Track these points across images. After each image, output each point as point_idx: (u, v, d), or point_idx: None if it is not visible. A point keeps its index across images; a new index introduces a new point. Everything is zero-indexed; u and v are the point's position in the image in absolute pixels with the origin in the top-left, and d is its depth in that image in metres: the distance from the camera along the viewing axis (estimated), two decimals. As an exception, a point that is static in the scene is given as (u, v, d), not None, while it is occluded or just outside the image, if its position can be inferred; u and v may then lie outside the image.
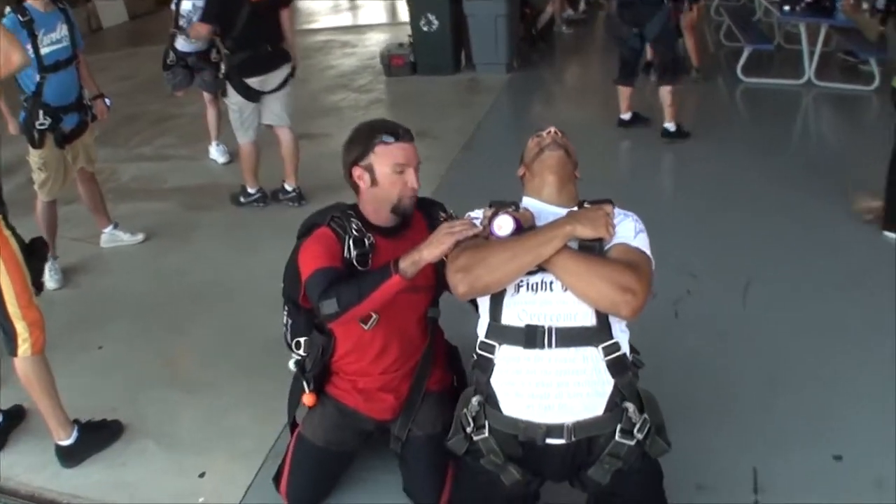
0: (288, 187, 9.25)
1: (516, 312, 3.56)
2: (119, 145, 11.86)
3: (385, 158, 4.09)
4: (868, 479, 4.66)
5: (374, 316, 4.21)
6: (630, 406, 3.56)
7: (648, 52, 12.50)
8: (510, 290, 3.56)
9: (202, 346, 6.48)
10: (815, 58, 13.21)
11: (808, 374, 5.58)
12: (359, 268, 4.07)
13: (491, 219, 3.60)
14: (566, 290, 3.47)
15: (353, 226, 4.17)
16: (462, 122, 11.98)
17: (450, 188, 8.90)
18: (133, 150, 11.75)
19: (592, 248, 3.51)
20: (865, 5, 13.76)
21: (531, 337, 3.51)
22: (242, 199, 9.28)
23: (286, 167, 9.18)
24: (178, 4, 9.89)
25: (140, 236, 8.48)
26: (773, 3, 14.75)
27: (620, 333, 3.59)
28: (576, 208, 3.73)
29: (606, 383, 3.52)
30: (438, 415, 4.46)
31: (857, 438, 4.95)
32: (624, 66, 10.89)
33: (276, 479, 4.67)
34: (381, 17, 23.14)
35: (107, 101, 7.75)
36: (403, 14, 15.71)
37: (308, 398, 4.54)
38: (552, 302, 3.51)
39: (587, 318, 3.50)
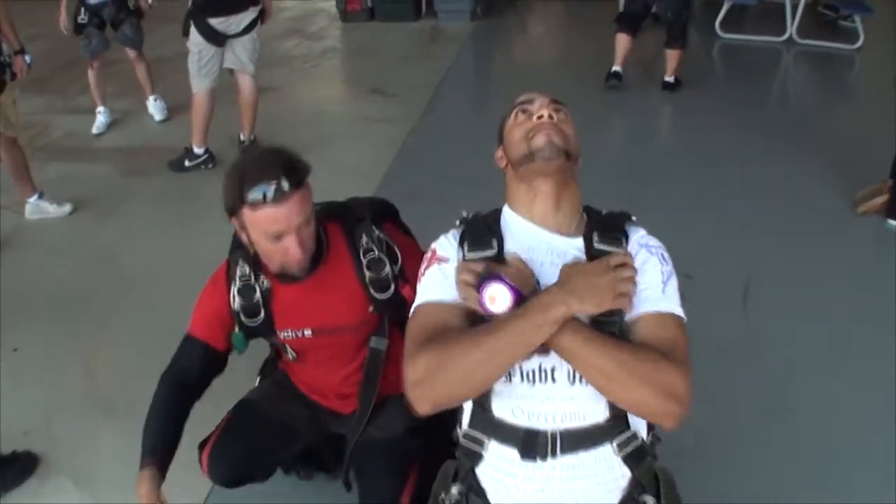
0: (242, 137, 8.74)
1: (509, 407, 2.71)
2: (55, 93, 11.08)
3: (255, 226, 3.24)
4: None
5: (292, 352, 3.75)
6: (649, 500, 2.78)
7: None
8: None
9: (130, 349, 5.77)
10: (798, 14, 12.66)
11: (816, 397, 5.13)
12: (248, 324, 3.57)
13: (480, 287, 2.62)
14: (573, 382, 2.64)
15: (240, 271, 3.56)
16: (424, 77, 11.34)
17: (413, 159, 8.40)
18: (70, 101, 10.93)
19: (612, 324, 2.63)
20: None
21: (530, 445, 2.68)
22: (188, 162, 8.55)
23: (242, 117, 8.68)
24: None
25: (67, 207, 7.76)
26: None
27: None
28: (578, 241, 2.81)
29: (622, 478, 2.73)
30: (399, 416, 3.78)
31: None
32: (631, 16, 10.48)
33: (201, 446, 3.93)
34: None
35: (27, 58, 7.09)
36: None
37: None
38: (555, 398, 2.66)
39: (599, 413, 2.68)
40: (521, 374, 2.66)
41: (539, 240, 2.81)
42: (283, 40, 13.55)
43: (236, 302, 3.52)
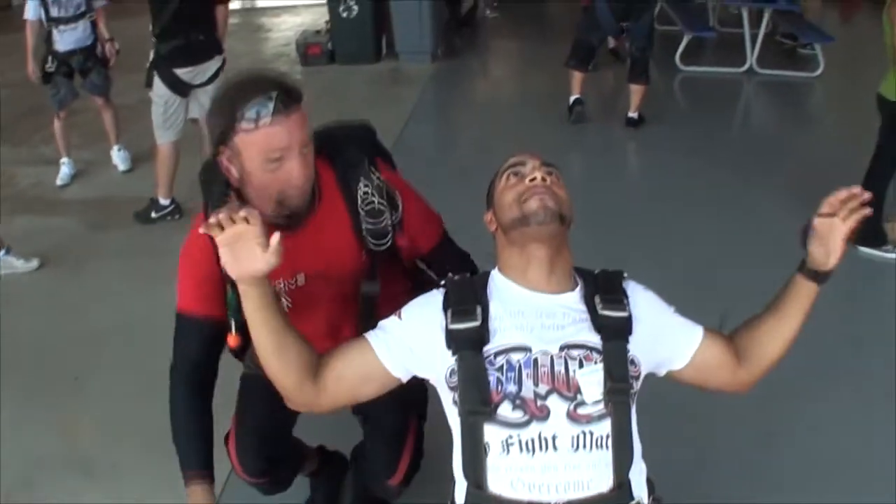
0: None
1: (508, 480, 2.62)
2: (19, 143, 11.01)
3: (252, 151, 2.89)
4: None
5: (285, 301, 3.35)
6: None
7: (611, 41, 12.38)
8: (495, 447, 2.63)
9: (107, 408, 5.68)
10: (758, 44, 12.77)
11: (798, 421, 5.21)
12: None
13: None
14: (577, 448, 2.58)
15: None
16: (387, 119, 11.03)
17: None
18: (34, 150, 10.86)
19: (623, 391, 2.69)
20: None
21: None
22: (154, 214, 8.48)
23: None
24: None
25: (34, 262, 7.67)
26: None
27: (638, 476, 2.75)
28: (575, 292, 2.83)
29: None
30: None
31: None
32: (584, 51, 10.52)
33: (226, 441, 3.83)
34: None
35: None
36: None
37: (232, 338, 3.39)
38: (558, 467, 2.59)
39: (604, 483, 2.62)
40: (520, 444, 2.60)
41: (528, 304, 2.77)
42: (245, 87, 13.40)
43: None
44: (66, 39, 9.01)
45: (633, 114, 10.43)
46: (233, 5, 20.49)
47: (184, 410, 3.41)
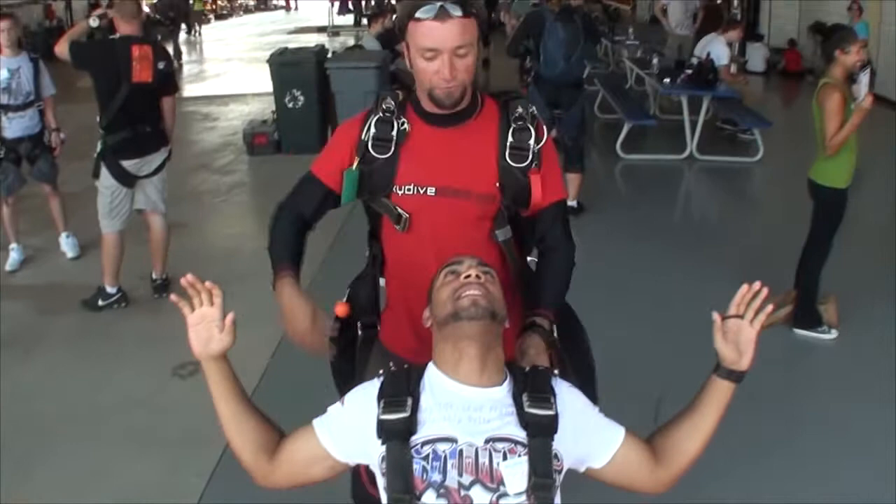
0: (154, 276, 8.71)
1: None
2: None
3: (414, 39, 3.29)
4: None
5: (405, 214, 3.47)
6: None
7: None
8: None
9: (52, 496, 5.61)
10: (698, 130, 12.95)
11: (735, 493, 5.37)
12: (376, 156, 3.43)
13: None
14: None
15: (385, 104, 3.47)
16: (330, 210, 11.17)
17: (322, 294, 8.15)
18: (-17, 237, 10.83)
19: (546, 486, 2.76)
20: (734, 68, 13.74)
21: None
22: (101, 302, 8.45)
23: (153, 256, 8.64)
24: None
25: (-18, 348, 7.60)
26: (651, 74, 14.54)
27: None
28: (503, 386, 2.88)
29: None
30: None
31: None
32: None
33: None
34: (246, 86, 22.32)
35: None
36: (268, 83, 15.22)
37: (340, 307, 3.74)
38: None
39: None
40: None
41: (457, 397, 2.83)
42: (191, 175, 13.51)
43: (371, 131, 3.44)
44: (14, 127, 9.06)
45: (571, 202, 10.44)
46: (182, 93, 20.74)
47: (282, 228, 3.69)
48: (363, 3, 40.38)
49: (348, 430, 2.88)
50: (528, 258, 3.79)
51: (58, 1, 34.44)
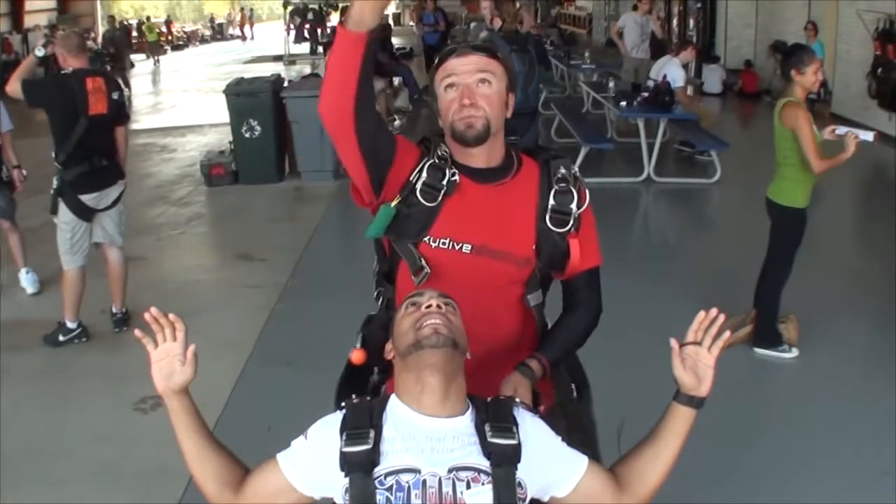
0: (114, 309, 8.62)
1: None
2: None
3: (439, 78, 3.28)
4: None
5: (426, 268, 3.22)
6: None
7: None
8: None
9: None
10: (655, 153, 13.01)
11: None
12: (421, 201, 3.19)
13: None
14: None
15: (441, 151, 3.28)
16: (291, 239, 11.35)
17: (284, 325, 8.37)
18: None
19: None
20: (690, 90, 13.83)
21: None
22: (62, 337, 8.35)
23: (112, 289, 8.57)
24: None
25: (-59, 385, 7.51)
26: (608, 97, 14.61)
27: None
28: (466, 416, 2.87)
29: None
30: None
31: None
32: None
33: None
34: (203, 117, 22.28)
35: None
36: (225, 114, 15.15)
37: (356, 354, 3.46)
38: None
39: None
40: None
41: (420, 427, 2.82)
42: (149, 208, 13.44)
43: (422, 175, 3.23)
44: None
45: None
46: (140, 125, 20.74)
47: None
48: (319, 31, 40.53)
49: (312, 462, 2.86)
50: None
51: (14, 35, 34.41)
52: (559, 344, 3.52)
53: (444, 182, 3.21)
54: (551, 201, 3.28)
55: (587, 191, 3.38)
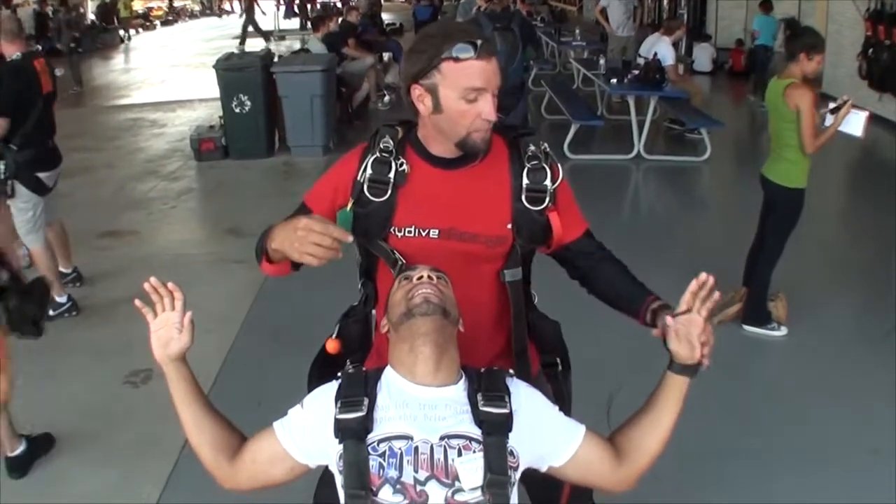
0: (65, 271, 8.78)
1: None
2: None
3: (454, 80, 3.02)
4: None
5: (401, 261, 3.18)
6: None
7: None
8: None
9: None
10: (645, 131, 13.00)
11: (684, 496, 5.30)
12: (371, 198, 3.17)
13: None
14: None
15: (383, 143, 3.22)
16: (280, 214, 10.79)
17: (273, 299, 8.34)
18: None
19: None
20: (681, 68, 13.81)
21: None
22: (52, 312, 8.16)
23: (61, 254, 8.71)
24: None
25: (-71, 362, 7.50)
26: (598, 75, 14.59)
27: None
28: (458, 385, 2.90)
29: None
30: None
31: None
32: None
33: None
34: (193, 92, 22.17)
35: None
36: (215, 89, 15.10)
37: (331, 344, 3.46)
38: None
39: None
40: None
41: (413, 396, 2.86)
42: (140, 182, 13.44)
43: (367, 173, 3.19)
44: None
45: None
46: (130, 100, 20.70)
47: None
48: (309, 6, 40.45)
49: (308, 430, 2.90)
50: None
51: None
52: (634, 283, 3.77)
53: (391, 174, 3.19)
54: (525, 180, 3.23)
55: (559, 165, 3.33)
